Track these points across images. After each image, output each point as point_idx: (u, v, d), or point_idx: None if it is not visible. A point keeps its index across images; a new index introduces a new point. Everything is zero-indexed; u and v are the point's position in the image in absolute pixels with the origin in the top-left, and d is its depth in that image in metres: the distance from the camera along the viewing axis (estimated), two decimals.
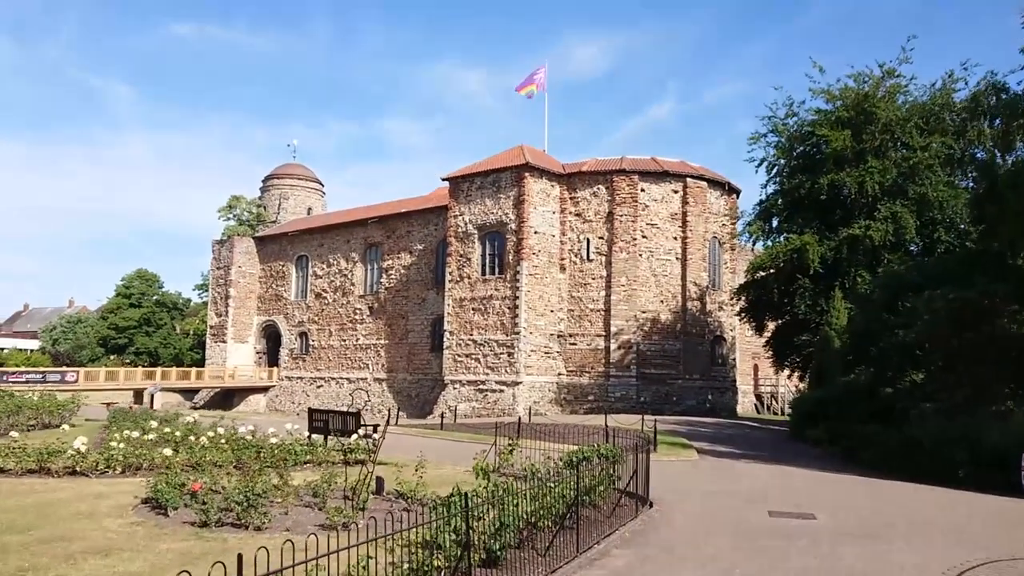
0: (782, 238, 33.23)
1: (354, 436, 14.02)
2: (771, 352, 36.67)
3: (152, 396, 41.13)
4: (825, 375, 27.25)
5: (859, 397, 21.12)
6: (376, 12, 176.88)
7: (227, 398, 58.52)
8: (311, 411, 16.96)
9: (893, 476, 15.97)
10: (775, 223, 34.79)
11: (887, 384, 20.60)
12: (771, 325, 36.66)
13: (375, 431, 16.68)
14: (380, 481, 11.81)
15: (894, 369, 19.78)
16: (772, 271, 33.07)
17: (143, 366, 63.68)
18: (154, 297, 74.24)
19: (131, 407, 21.30)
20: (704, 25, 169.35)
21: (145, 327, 72.11)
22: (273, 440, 13.61)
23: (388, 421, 15.22)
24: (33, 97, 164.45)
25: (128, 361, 68.58)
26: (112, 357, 70.68)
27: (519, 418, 22.41)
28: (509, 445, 14.10)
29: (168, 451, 12.20)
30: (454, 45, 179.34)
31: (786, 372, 37.62)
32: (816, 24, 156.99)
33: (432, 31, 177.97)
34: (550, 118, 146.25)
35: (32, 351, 77.33)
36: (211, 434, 13.99)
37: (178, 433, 13.62)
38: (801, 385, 35.77)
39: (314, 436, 16.24)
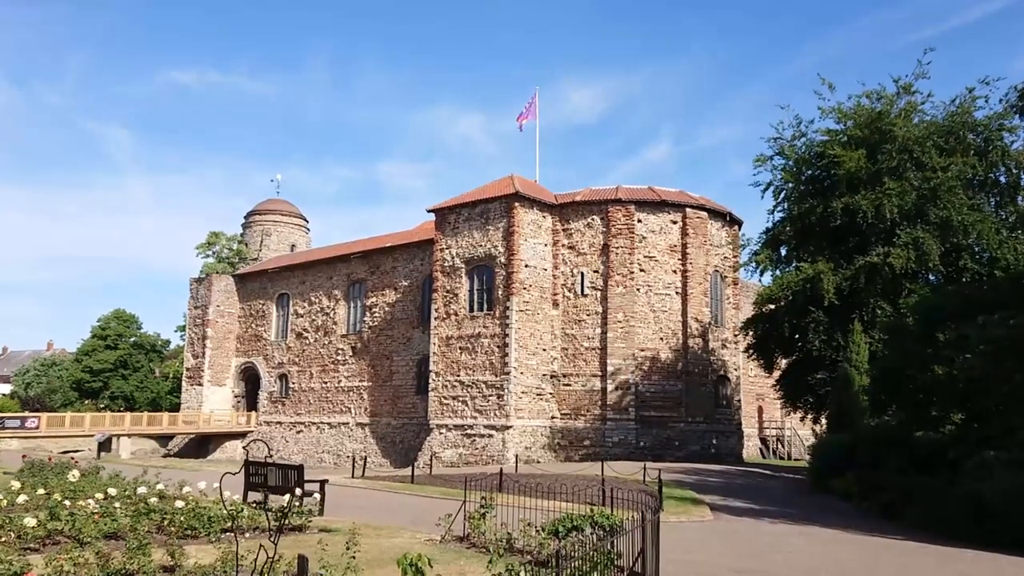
0: (792, 267, 30.61)
1: (287, 496, 11.12)
2: (781, 392, 33.80)
3: (99, 444, 37.91)
4: (846, 418, 24.47)
5: (894, 443, 18.28)
6: (375, 58, 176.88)
7: (203, 445, 55.31)
8: (247, 464, 14.08)
9: (954, 541, 13.09)
10: (783, 252, 32.23)
11: (927, 427, 17.79)
12: (781, 363, 33.86)
13: (322, 488, 13.81)
14: (303, 561, 8.90)
15: (938, 410, 16.99)
16: (782, 303, 30.36)
17: (118, 411, 60.48)
18: (131, 339, 71.10)
19: (49, 459, 18.29)
20: (699, 68, 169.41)
21: (121, 370, 68.89)
22: (180, 503, 10.62)
23: (301, 482, 12.30)
24: (34, 143, 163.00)
25: (103, 406, 65.26)
26: (87, 402, 67.36)
27: (500, 470, 19.48)
28: (481, 507, 11.28)
29: (32, 520, 9.34)
30: (450, 90, 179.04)
31: (798, 414, 34.67)
32: (811, 67, 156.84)
33: (429, 76, 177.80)
34: (543, 159, 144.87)
35: (2, 395, 73.91)
36: (100, 496, 11.07)
37: (57, 495, 10.64)
38: (816, 428, 32.84)
39: (251, 495, 13.39)
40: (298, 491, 11.74)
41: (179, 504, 10.44)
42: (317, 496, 12.40)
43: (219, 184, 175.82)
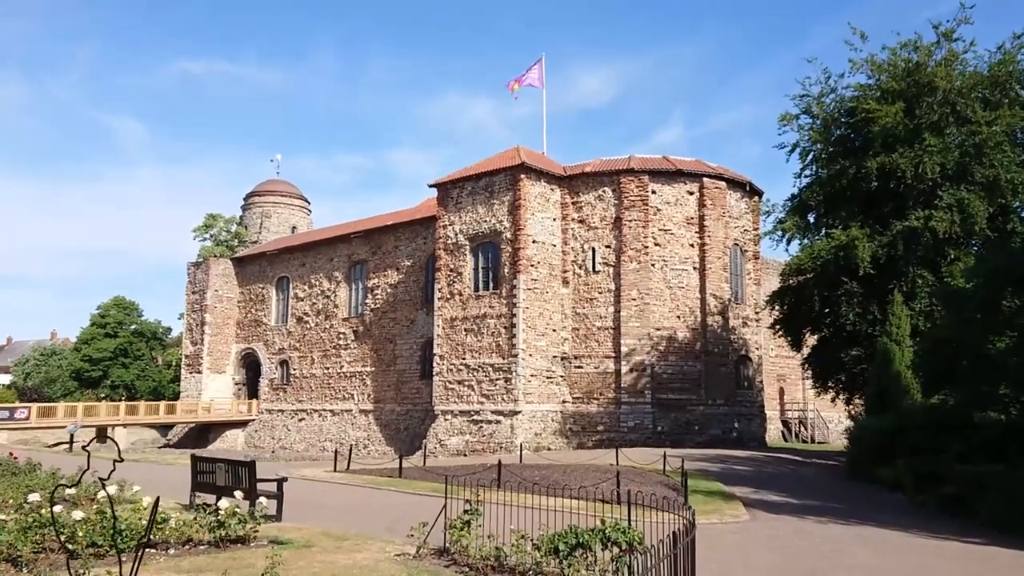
0: (822, 235, 28.07)
1: (224, 501, 8.87)
2: (811, 372, 31.34)
3: (72, 435, 35.88)
4: (886, 397, 22.07)
5: (954, 426, 15.89)
6: (383, 45, 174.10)
7: (203, 434, 53.48)
8: (195, 459, 11.89)
9: None
10: (812, 219, 29.68)
11: (991, 407, 15.39)
12: (809, 340, 31.39)
13: (279, 488, 11.56)
14: None
15: (1011, 387, 14.59)
16: (811, 275, 27.83)
17: (120, 399, 58.69)
18: (132, 326, 69.20)
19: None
20: (710, 49, 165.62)
21: (121, 358, 67.02)
22: (77, 514, 8.31)
23: (252, 481, 10.02)
24: (44, 135, 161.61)
25: (103, 396, 63.52)
26: (87, 391, 65.65)
27: (499, 462, 17.20)
28: (466, 513, 9.00)
29: None
30: (459, 75, 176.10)
31: (829, 395, 32.18)
32: (823, 47, 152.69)
33: (437, 63, 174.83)
34: (552, 145, 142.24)
35: (2, 386, 72.34)
36: None
37: None
38: (850, 409, 30.39)
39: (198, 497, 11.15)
40: (238, 494, 9.50)
41: (77, 515, 8.22)
42: (265, 500, 10.17)
43: (231, 173, 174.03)
